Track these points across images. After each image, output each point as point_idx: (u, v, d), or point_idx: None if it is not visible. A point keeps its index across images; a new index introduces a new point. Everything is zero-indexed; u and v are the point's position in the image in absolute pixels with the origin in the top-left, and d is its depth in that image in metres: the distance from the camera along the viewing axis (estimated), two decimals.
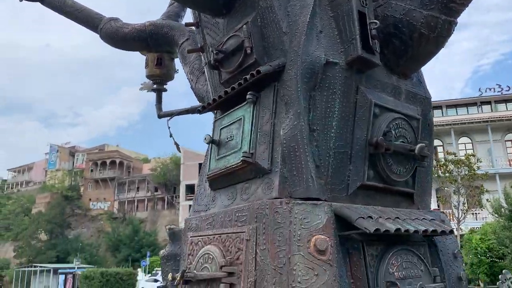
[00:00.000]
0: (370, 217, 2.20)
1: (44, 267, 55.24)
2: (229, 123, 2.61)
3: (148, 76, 5.40)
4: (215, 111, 2.95)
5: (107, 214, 74.27)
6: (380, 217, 2.25)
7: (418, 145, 2.48)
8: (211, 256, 2.36)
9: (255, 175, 2.41)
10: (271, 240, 2.12)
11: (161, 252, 2.95)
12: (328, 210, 2.17)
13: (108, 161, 78.80)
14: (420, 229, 2.25)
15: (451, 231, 2.41)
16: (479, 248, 21.69)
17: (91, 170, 79.82)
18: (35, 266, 55.96)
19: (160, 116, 5.31)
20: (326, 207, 2.17)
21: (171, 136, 4.86)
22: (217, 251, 2.35)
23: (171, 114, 5.01)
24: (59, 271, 54.00)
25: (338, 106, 2.40)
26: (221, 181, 2.65)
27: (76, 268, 51.85)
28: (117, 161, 78.84)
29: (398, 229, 2.16)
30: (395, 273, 2.24)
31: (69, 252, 62.79)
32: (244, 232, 2.25)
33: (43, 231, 68.85)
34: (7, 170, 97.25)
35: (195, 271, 2.37)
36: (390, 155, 2.47)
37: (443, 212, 2.81)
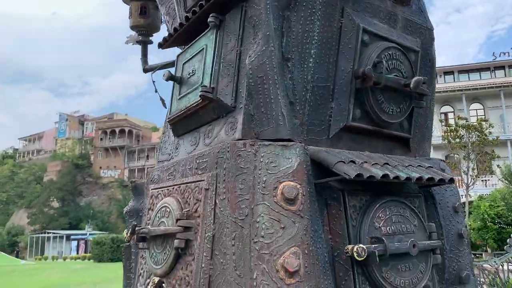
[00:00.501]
0: (353, 161, 1.83)
1: (57, 233, 56.58)
2: (192, 56, 2.22)
3: (132, 27, 5.00)
4: (183, 47, 2.55)
5: (117, 182, 75.08)
6: (366, 162, 1.87)
7: (414, 78, 2.07)
8: (168, 210, 2.03)
9: (218, 115, 2.03)
10: (231, 188, 1.77)
11: (125, 208, 2.63)
12: (300, 152, 1.80)
13: (117, 130, 79.06)
14: (413, 176, 1.88)
15: (451, 180, 2.03)
16: (486, 215, 21.36)
17: (101, 139, 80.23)
18: (48, 233, 57.36)
19: (145, 70, 4.96)
20: (298, 149, 1.80)
21: (156, 91, 4.53)
22: (175, 203, 2.02)
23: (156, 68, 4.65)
24: (72, 237, 55.36)
25: (318, 30, 1.98)
26: (184, 124, 2.28)
27: (88, 234, 53.07)
28: (126, 129, 79.04)
29: (385, 175, 1.79)
30: (382, 228, 1.88)
31: (81, 219, 64.03)
32: (203, 180, 1.91)
33: (55, 199, 70.11)
34: (18, 139, 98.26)
35: (149, 227, 2.04)
36: (380, 91, 2.07)
37: (443, 161, 2.43)
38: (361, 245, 1.71)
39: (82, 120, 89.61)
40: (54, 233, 57.03)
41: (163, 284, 1.92)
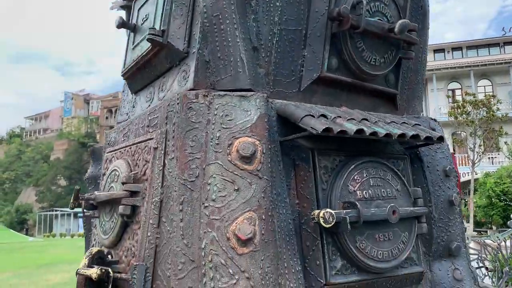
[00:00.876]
0: (324, 116, 1.58)
1: (65, 211, 57.11)
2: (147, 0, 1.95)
3: None
4: None
5: None
6: (340, 116, 1.62)
7: (400, 21, 1.78)
8: (117, 173, 1.79)
9: (172, 63, 1.77)
10: (180, 146, 1.52)
11: (85, 175, 2.41)
12: (261, 104, 1.54)
13: None
14: (394, 132, 1.62)
15: (441, 138, 1.77)
16: (491, 192, 21.08)
17: (106, 117, 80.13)
18: (56, 210, 57.92)
19: None
20: (259, 100, 1.55)
21: None
22: (124, 166, 1.78)
23: None
24: (79, 215, 55.87)
25: None
26: (138, 78, 2.03)
27: None
28: None
29: (360, 131, 1.53)
30: (357, 192, 1.63)
31: None
32: (152, 138, 1.66)
33: (62, 177, 70.66)
34: (25, 118, 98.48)
35: (96, 192, 1.81)
36: (361, 37, 1.79)
37: (434, 120, 2.16)
38: (328, 210, 1.46)
39: (88, 99, 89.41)
40: (61, 211, 57.61)
41: (109, 256, 1.70)
